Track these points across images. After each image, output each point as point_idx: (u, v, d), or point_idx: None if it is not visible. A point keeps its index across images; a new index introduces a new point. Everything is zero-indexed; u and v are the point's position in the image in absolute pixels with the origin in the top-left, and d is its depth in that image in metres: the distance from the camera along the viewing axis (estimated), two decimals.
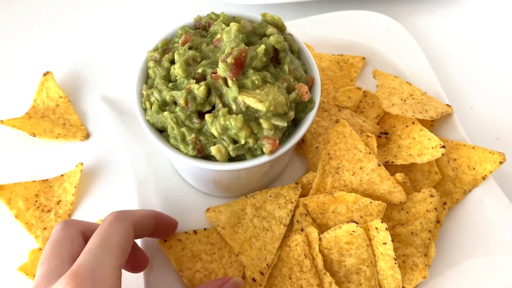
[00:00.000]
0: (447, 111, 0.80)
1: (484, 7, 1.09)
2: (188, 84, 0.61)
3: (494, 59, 1.00)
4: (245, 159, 0.63)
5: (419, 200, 0.71)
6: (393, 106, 0.77)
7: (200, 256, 0.71)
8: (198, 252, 0.71)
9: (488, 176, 0.75)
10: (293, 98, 0.62)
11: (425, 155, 0.72)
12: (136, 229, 0.57)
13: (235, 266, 0.71)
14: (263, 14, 0.69)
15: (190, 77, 0.62)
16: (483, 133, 0.88)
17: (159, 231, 0.67)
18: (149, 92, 0.65)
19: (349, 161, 0.73)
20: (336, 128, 0.75)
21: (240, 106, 0.60)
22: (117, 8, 1.12)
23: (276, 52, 0.65)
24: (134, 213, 0.59)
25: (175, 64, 0.63)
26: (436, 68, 0.94)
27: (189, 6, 1.11)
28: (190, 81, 0.61)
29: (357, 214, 0.70)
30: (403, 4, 1.08)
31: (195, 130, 0.61)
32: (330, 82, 0.87)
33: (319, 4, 1.06)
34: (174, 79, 0.64)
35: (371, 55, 0.93)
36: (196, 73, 0.62)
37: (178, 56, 0.64)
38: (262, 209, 0.73)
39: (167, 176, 0.82)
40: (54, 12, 1.12)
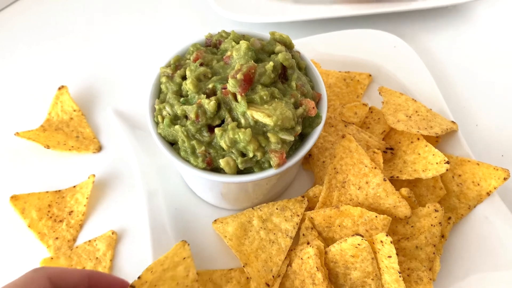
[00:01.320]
0: (452, 128, 0.81)
1: (488, 26, 1.11)
2: (199, 99, 0.63)
3: (498, 77, 1.02)
4: (253, 171, 0.65)
5: (424, 214, 0.72)
6: (398, 122, 0.79)
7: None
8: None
9: (492, 192, 0.76)
10: (300, 113, 0.64)
11: (430, 170, 0.74)
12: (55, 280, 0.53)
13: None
14: (272, 32, 0.71)
15: (201, 92, 0.64)
16: (488, 149, 0.89)
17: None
18: (161, 106, 0.67)
19: (355, 175, 0.75)
20: (342, 143, 0.77)
21: (248, 120, 0.62)
22: (131, 26, 1.16)
23: (284, 69, 0.67)
24: (58, 267, 0.56)
25: (186, 79, 0.66)
26: (442, 85, 0.96)
27: (201, 24, 1.15)
28: (201, 96, 0.63)
29: (363, 228, 0.71)
30: (409, 23, 1.11)
31: (205, 143, 0.63)
32: (337, 98, 0.89)
33: (327, 23, 1.09)
34: (185, 94, 0.66)
35: (378, 72, 0.95)
36: (206, 88, 0.64)
37: (190, 72, 0.66)
38: (269, 222, 0.74)
39: (176, 188, 0.84)
40: (69, 28, 1.16)
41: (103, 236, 0.80)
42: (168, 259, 0.61)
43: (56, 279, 0.53)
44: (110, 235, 0.80)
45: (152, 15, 1.18)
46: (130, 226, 0.82)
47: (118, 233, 0.81)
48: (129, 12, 1.19)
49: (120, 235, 0.81)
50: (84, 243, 0.80)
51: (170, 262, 0.61)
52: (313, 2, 1.09)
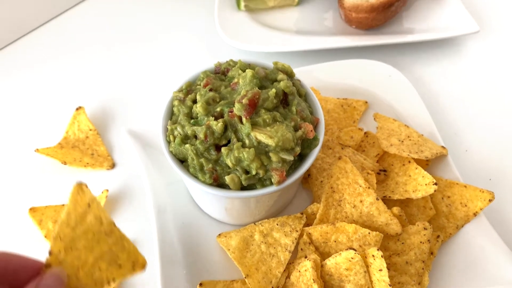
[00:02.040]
0: (441, 152, 0.87)
1: (477, 59, 1.18)
2: (207, 120, 0.70)
3: (488, 105, 1.08)
4: (256, 188, 0.71)
5: (414, 232, 0.78)
6: (391, 146, 0.85)
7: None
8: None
9: (479, 212, 0.81)
10: (299, 135, 0.70)
11: (419, 191, 0.79)
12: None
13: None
14: (275, 62, 0.79)
15: (210, 115, 0.71)
16: (477, 173, 0.95)
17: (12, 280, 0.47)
18: (173, 127, 0.74)
19: (350, 194, 0.80)
20: (338, 164, 0.83)
21: (252, 141, 0.68)
22: (145, 53, 1.24)
23: (285, 95, 0.74)
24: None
25: (197, 103, 0.72)
26: (434, 113, 1.02)
27: (209, 52, 1.23)
28: (210, 118, 0.70)
29: (357, 244, 0.76)
30: (404, 54, 1.18)
31: (212, 161, 0.69)
32: (335, 123, 0.96)
33: (327, 53, 1.16)
34: (195, 116, 0.73)
35: (373, 99, 1.02)
36: (215, 111, 0.71)
37: (200, 97, 0.73)
38: (269, 236, 0.80)
39: (184, 204, 0.89)
40: (88, 53, 1.24)
41: None
42: (71, 214, 0.51)
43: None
44: None
45: (165, 43, 1.26)
46: (139, 239, 0.87)
47: None
48: (144, 40, 1.27)
49: None
50: None
51: (75, 217, 0.51)
52: (314, 33, 1.17)
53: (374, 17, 1.10)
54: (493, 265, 0.77)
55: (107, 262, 0.53)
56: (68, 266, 0.51)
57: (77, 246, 0.51)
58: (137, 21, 1.34)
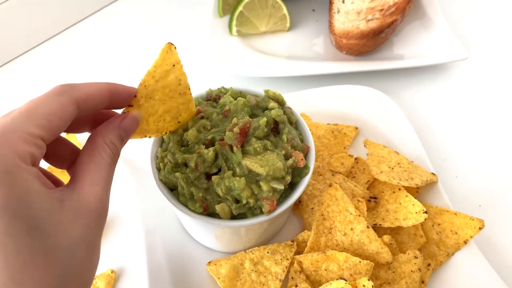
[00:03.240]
0: (431, 179, 0.88)
1: (467, 82, 1.20)
2: (198, 148, 0.70)
3: (477, 130, 1.09)
4: (246, 217, 0.70)
5: (405, 260, 0.77)
6: (381, 173, 0.85)
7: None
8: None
9: (469, 240, 0.81)
10: (290, 164, 0.70)
11: (409, 219, 0.79)
12: (80, 105, 0.52)
13: None
14: (266, 90, 0.79)
15: (201, 143, 0.71)
16: (467, 199, 0.95)
17: (115, 103, 0.60)
18: (164, 154, 0.73)
19: (341, 222, 0.80)
20: (329, 192, 0.83)
21: (243, 169, 0.68)
22: (137, 76, 1.24)
23: (276, 124, 0.74)
24: (81, 88, 0.53)
25: (188, 131, 0.72)
26: (424, 138, 1.03)
27: (203, 76, 1.23)
28: (201, 146, 0.70)
29: (347, 272, 0.76)
30: (393, 79, 1.19)
31: (202, 190, 0.69)
32: (325, 149, 0.96)
33: (318, 78, 1.17)
34: (186, 143, 0.73)
35: (364, 125, 1.02)
36: (206, 139, 0.71)
37: (192, 124, 0.73)
38: (260, 265, 0.79)
39: (173, 231, 0.89)
40: (72, 76, 1.24)
41: (103, 274, 0.84)
42: (157, 68, 0.62)
43: (81, 104, 0.52)
44: (109, 274, 0.84)
45: None
46: (129, 265, 0.86)
47: (117, 272, 0.85)
48: (135, 65, 1.28)
49: (119, 274, 0.85)
50: None
51: (160, 72, 0.62)
52: (305, 58, 1.19)
53: (364, 44, 1.12)
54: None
55: (171, 116, 0.67)
56: (144, 111, 0.62)
57: (155, 96, 0.62)
58: (128, 45, 1.35)
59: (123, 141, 0.58)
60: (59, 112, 0.49)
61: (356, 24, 1.12)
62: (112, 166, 0.55)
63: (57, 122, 0.48)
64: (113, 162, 0.55)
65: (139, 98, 0.61)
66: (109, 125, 0.57)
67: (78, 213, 0.48)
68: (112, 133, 0.56)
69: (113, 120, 0.58)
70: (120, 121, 0.59)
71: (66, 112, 0.49)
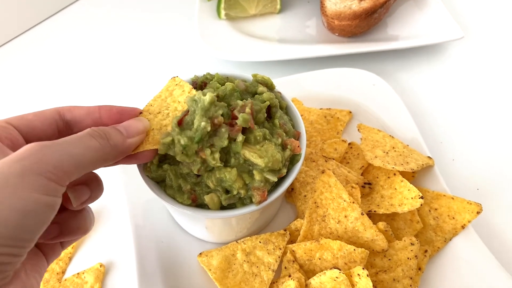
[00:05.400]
0: (428, 163, 0.85)
1: (463, 63, 1.17)
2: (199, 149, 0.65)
3: (474, 112, 1.06)
4: (236, 207, 0.68)
5: (401, 248, 0.75)
6: (376, 158, 0.83)
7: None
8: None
9: (467, 225, 0.79)
10: (288, 155, 0.67)
11: (405, 205, 0.77)
12: (62, 114, 0.57)
13: None
14: (254, 74, 0.76)
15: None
16: (464, 183, 0.93)
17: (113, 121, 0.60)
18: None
19: (334, 209, 0.78)
20: (322, 178, 0.80)
21: (239, 159, 0.65)
22: (124, 62, 1.21)
23: (269, 108, 0.71)
24: (65, 106, 0.58)
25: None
26: (419, 121, 1.00)
27: (191, 62, 1.19)
28: (206, 150, 0.63)
29: (342, 261, 0.73)
30: (388, 61, 1.16)
31: (190, 182, 0.66)
32: (318, 135, 0.93)
33: (310, 61, 1.14)
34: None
35: (357, 108, 1.00)
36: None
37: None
38: (252, 255, 0.77)
39: (163, 222, 0.86)
40: (58, 68, 1.20)
41: (92, 268, 0.82)
42: (163, 92, 0.68)
43: (65, 112, 0.56)
44: (98, 268, 0.82)
45: (144, 52, 1.23)
46: (118, 259, 0.84)
47: (106, 266, 0.83)
48: (122, 50, 1.24)
49: (108, 268, 0.83)
50: (72, 276, 0.81)
51: (165, 93, 0.68)
52: (296, 41, 1.15)
53: (357, 25, 1.08)
54: (483, 280, 0.75)
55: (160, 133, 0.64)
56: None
57: (163, 108, 0.67)
58: (115, 31, 1.30)
59: (122, 135, 0.57)
60: (40, 115, 0.55)
61: (349, 4, 1.08)
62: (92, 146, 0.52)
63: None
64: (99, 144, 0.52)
65: (146, 112, 0.66)
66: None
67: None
68: (110, 127, 0.56)
69: (128, 121, 0.60)
70: (130, 121, 0.61)
71: (47, 115, 0.56)
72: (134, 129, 0.59)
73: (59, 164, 0.45)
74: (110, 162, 0.55)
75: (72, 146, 0.48)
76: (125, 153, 0.58)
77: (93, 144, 0.51)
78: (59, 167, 0.45)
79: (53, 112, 0.57)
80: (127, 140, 0.57)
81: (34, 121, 0.55)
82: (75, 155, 0.48)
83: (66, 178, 0.46)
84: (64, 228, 0.56)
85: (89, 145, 0.50)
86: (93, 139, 0.51)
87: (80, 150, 0.49)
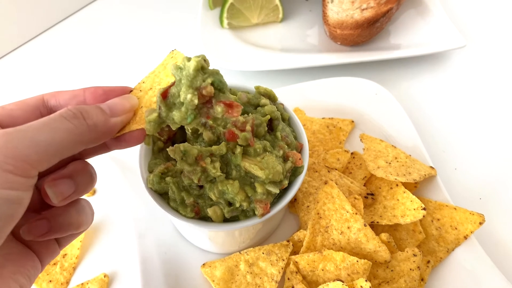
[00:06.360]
0: (430, 173, 0.85)
1: (465, 71, 1.17)
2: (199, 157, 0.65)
3: (476, 121, 1.06)
4: (239, 219, 0.68)
5: (403, 259, 0.75)
6: (378, 168, 0.83)
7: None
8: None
9: (469, 235, 0.79)
10: (289, 167, 0.67)
11: (408, 216, 0.77)
12: (46, 100, 0.54)
13: None
14: (257, 86, 0.76)
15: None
16: (466, 192, 0.93)
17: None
18: (157, 162, 0.71)
19: (337, 221, 0.78)
20: (325, 189, 0.80)
21: (240, 171, 0.65)
22: (127, 72, 1.21)
23: (270, 121, 0.71)
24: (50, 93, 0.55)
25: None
26: (421, 130, 1.00)
27: None
28: (206, 159, 0.63)
29: (345, 272, 0.74)
30: (390, 70, 1.16)
31: (194, 195, 0.66)
32: (321, 144, 0.94)
33: (312, 70, 1.15)
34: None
35: (360, 118, 1.00)
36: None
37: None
38: (255, 266, 0.77)
39: (166, 232, 0.87)
40: (62, 75, 1.21)
41: (96, 279, 0.82)
42: (157, 68, 0.62)
43: (49, 98, 0.53)
44: (102, 278, 0.82)
45: (146, 61, 1.24)
46: (122, 269, 0.84)
47: (110, 276, 0.83)
48: (125, 59, 1.25)
49: (112, 278, 0.83)
50: (76, 286, 0.82)
51: (160, 67, 0.62)
52: (299, 50, 1.16)
53: (359, 34, 1.09)
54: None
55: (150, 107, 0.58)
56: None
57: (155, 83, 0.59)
58: (118, 39, 1.31)
59: (104, 114, 0.51)
60: (20, 104, 0.52)
61: (351, 13, 1.09)
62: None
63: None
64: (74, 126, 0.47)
65: (137, 89, 0.60)
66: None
67: None
68: (90, 106, 0.51)
69: (116, 98, 0.56)
70: (119, 98, 0.56)
71: (29, 102, 0.53)
72: (119, 107, 0.54)
73: (22, 153, 0.41)
74: (90, 145, 0.50)
75: (39, 131, 0.43)
76: (109, 134, 0.52)
77: (64, 126, 0.45)
78: (22, 157, 0.40)
79: (37, 99, 0.53)
80: (111, 120, 0.52)
81: (16, 110, 0.51)
82: (42, 141, 0.43)
83: (31, 168, 0.42)
84: (54, 224, 0.51)
85: (60, 127, 0.45)
86: (65, 121, 0.46)
87: (48, 135, 0.43)
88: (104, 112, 0.51)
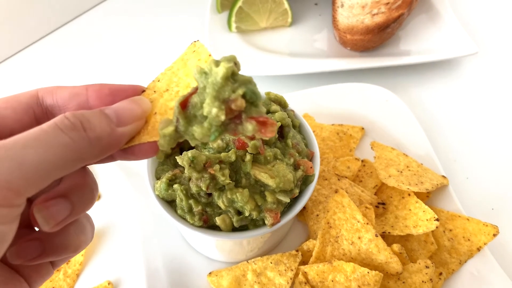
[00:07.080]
0: (442, 183, 0.83)
1: (477, 78, 1.15)
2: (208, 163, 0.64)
3: (488, 129, 1.04)
4: (248, 229, 0.66)
5: (415, 270, 0.74)
6: (390, 177, 0.81)
7: None
8: None
9: (483, 247, 0.77)
10: (300, 175, 0.66)
11: (420, 226, 0.75)
12: (41, 96, 0.45)
13: None
14: (267, 92, 0.75)
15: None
16: (478, 202, 0.91)
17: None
18: (165, 168, 0.69)
19: (347, 230, 0.76)
20: (335, 198, 0.79)
21: (250, 179, 0.64)
22: (135, 77, 1.20)
23: (281, 128, 0.70)
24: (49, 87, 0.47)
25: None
26: (433, 138, 0.98)
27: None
28: (215, 166, 0.62)
29: (355, 284, 0.72)
30: (400, 76, 1.15)
31: (202, 203, 0.65)
32: (331, 152, 0.92)
33: (321, 76, 1.13)
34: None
35: (370, 125, 0.98)
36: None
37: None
38: (263, 276, 0.75)
39: (172, 239, 0.85)
40: (68, 77, 1.20)
41: (99, 286, 0.81)
42: (176, 63, 0.52)
43: (46, 95, 0.45)
44: (106, 286, 0.81)
45: (155, 66, 1.22)
46: (126, 276, 0.82)
47: (114, 284, 0.82)
48: (134, 65, 1.24)
49: (116, 285, 0.82)
50: None
51: (179, 63, 0.52)
52: (308, 55, 1.14)
53: (370, 39, 1.07)
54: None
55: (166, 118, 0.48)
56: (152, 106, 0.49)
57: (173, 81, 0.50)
58: (125, 44, 1.30)
59: (110, 123, 0.42)
60: (12, 99, 0.45)
61: (361, 18, 1.07)
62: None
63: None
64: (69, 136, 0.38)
65: (150, 90, 0.50)
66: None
67: None
68: (93, 112, 0.42)
69: (127, 99, 0.47)
70: (132, 98, 0.47)
71: (21, 98, 0.45)
72: (128, 114, 0.44)
73: (3, 178, 0.33)
74: (91, 162, 0.41)
75: (27, 148, 0.35)
76: (115, 147, 0.42)
77: (60, 141, 0.37)
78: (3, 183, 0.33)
79: (31, 96, 0.45)
80: (117, 130, 0.42)
81: (6, 109, 0.43)
82: (30, 161, 0.34)
83: (16, 197, 0.34)
84: (48, 246, 0.43)
85: (54, 142, 0.36)
86: (61, 133, 0.37)
87: (39, 153, 0.35)
88: (109, 121, 0.42)
